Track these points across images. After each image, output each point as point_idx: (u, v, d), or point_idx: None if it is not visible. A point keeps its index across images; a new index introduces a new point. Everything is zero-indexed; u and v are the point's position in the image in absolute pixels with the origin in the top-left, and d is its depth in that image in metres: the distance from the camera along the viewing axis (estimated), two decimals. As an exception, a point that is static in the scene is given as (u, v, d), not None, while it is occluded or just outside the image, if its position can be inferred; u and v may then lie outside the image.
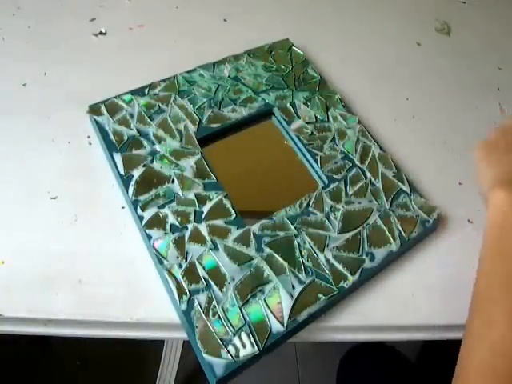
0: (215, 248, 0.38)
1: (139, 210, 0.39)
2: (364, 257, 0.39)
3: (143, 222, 0.39)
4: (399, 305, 0.39)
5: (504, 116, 0.55)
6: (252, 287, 0.36)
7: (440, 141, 0.52)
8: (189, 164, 0.43)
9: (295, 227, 0.40)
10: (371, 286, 0.40)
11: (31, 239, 0.39)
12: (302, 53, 0.55)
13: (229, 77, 0.51)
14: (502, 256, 0.32)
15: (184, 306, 0.34)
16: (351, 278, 0.38)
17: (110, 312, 0.36)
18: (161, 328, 0.37)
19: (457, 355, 0.30)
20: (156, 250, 0.37)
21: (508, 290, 0.30)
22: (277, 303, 0.36)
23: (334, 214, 0.41)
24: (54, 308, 0.35)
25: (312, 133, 0.48)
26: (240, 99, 0.49)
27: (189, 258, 0.37)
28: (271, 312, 0.35)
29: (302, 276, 0.37)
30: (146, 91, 0.48)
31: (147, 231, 0.38)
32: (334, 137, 0.48)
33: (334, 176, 0.44)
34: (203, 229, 0.39)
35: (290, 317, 0.35)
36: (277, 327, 0.34)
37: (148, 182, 0.41)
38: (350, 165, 0.46)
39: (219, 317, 0.34)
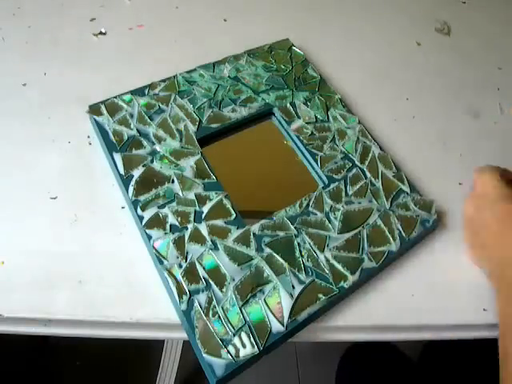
0: (215, 248, 0.38)
1: (139, 210, 0.39)
2: (364, 257, 0.39)
3: (143, 222, 0.39)
4: (399, 305, 0.39)
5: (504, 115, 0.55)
6: (252, 287, 0.36)
7: (440, 141, 0.52)
8: (189, 164, 0.43)
9: (295, 227, 0.40)
10: (371, 286, 0.40)
11: (31, 239, 0.39)
12: (302, 53, 0.55)
13: (229, 77, 0.51)
14: None
15: (184, 306, 0.34)
16: (351, 278, 0.38)
17: (109, 312, 0.36)
18: (161, 328, 0.37)
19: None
20: (156, 249, 0.37)
21: None
22: (277, 303, 0.36)
23: (334, 214, 0.41)
24: (53, 308, 0.35)
25: (312, 133, 0.48)
26: (240, 99, 0.49)
27: (189, 258, 0.37)
28: (271, 312, 0.35)
29: (302, 276, 0.37)
30: (146, 91, 0.48)
31: (147, 231, 0.38)
32: (334, 137, 0.48)
33: (334, 176, 0.44)
34: (203, 229, 0.39)
35: (290, 317, 0.35)
36: (277, 327, 0.34)
37: (148, 182, 0.41)
38: (350, 165, 0.46)
39: (219, 317, 0.34)
